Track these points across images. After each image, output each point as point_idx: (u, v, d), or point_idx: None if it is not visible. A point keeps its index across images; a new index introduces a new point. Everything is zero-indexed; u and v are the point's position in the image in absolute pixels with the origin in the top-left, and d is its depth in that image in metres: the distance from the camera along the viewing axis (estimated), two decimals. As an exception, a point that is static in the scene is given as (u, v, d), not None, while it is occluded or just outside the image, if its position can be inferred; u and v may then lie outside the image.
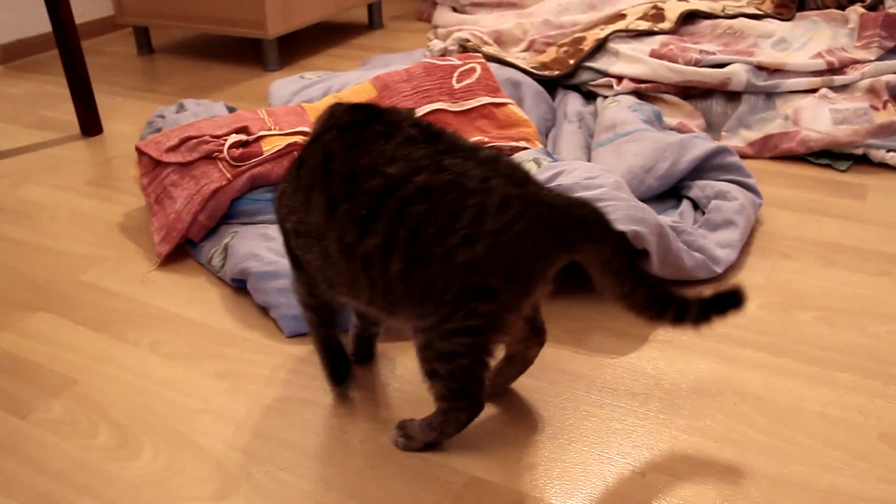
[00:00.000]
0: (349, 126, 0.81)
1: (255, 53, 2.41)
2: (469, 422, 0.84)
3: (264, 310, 1.13)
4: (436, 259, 0.74)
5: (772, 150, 1.58)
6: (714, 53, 1.74)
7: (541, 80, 1.76)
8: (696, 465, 0.84)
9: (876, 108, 1.60)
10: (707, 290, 0.83)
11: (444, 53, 2.01)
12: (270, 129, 1.38)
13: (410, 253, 0.74)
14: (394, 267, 0.76)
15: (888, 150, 1.52)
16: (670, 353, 1.02)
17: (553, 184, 1.14)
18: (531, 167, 1.21)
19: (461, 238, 0.73)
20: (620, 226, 1.04)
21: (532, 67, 1.81)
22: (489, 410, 0.93)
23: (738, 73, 1.65)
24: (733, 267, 1.19)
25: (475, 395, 0.82)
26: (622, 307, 0.81)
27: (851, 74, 1.68)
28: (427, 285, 0.75)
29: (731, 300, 0.82)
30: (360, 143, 0.78)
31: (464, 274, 0.73)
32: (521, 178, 0.76)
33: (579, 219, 0.76)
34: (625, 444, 0.88)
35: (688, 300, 0.82)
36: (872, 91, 1.64)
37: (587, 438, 0.89)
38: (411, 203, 0.74)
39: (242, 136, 1.34)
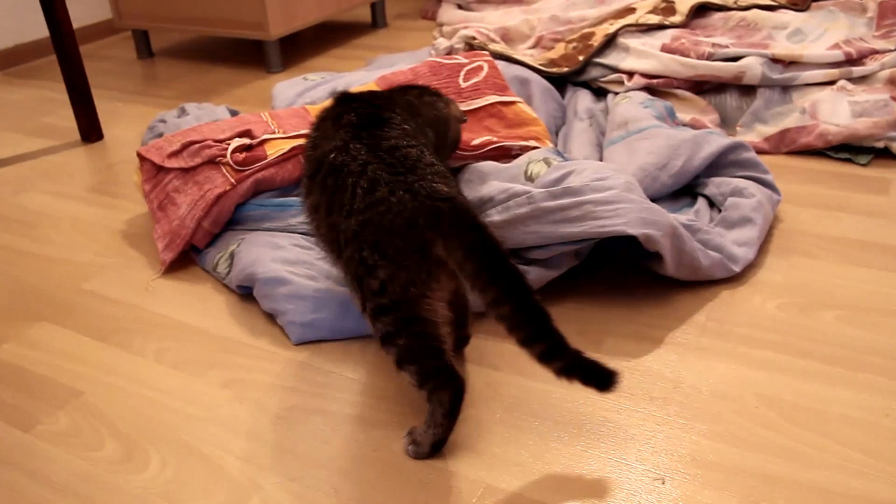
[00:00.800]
0: (331, 110, 1.00)
1: (256, 55, 2.42)
2: (455, 402, 0.85)
3: (271, 317, 1.13)
4: (335, 226, 0.88)
5: (789, 145, 1.57)
6: (727, 46, 1.73)
7: (549, 77, 1.76)
8: (718, 471, 0.84)
9: (896, 100, 1.59)
10: (590, 353, 0.81)
11: (450, 52, 2.01)
12: (274, 133, 1.38)
13: (327, 217, 0.90)
14: (323, 226, 0.91)
15: (910, 143, 1.51)
16: (688, 355, 1.01)
17: (562, 184, 1.14)
18: (541, 167, 1.21)
19: (344, 212, 0.86)
20: (631, 229, 1.03)
21: (540, 64, 1.81)
22: (502, 417, 0.92)
23: (752, 67, 1.65)
24: (751, 266, 1.18)
25: (438, 371, 0.84)
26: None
27: (870, 65, 1.67)
28: (337, 250, 0.89)
29: (601, 379, 0.80)
30: (324, 124, 0.98)
31: (349, 243, 0.86)
32: (402, 167, 0.85)
33: (432, 210, 0.81)
34: (644, 450, 0.87)
35: (564, 346, 0.79)
36: (893, 82, 1.63)
37: (604, 445, 0.88)
38: (327, 176, 0.90)
39: (246, 140, 1.34)
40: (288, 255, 1.16)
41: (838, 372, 0.97)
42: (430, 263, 0.82)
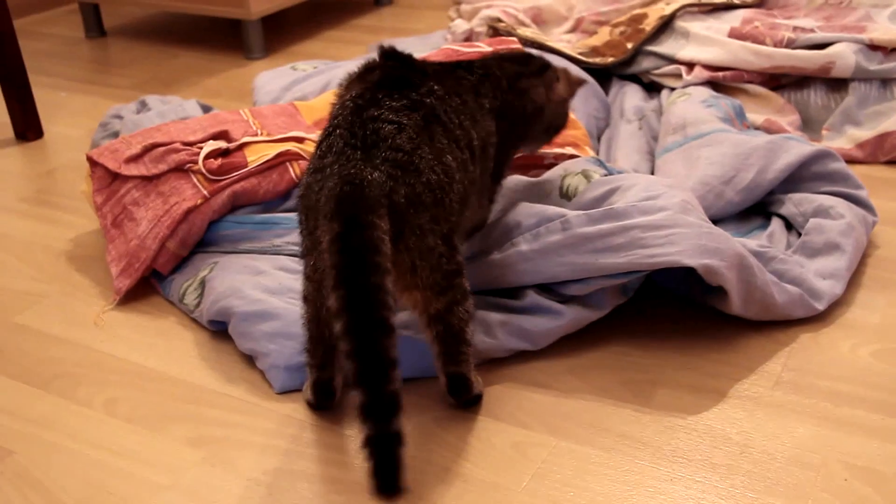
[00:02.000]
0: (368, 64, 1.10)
1: (234, 37, 2.47)
2: (317, 393, 1.05)
3: (250, 359, 1.16)
4: None
5: (889, 153, 1.59)
6: (812, 30, 1.76)
7: (591, 69, 1.80)
8: (795, 557, 0.85)
9: None
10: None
11: (470, 37, 2.05)
12: (256, 134, 1.42)
13: None
14: None
15: None
16: (759, 413, 1.03)
17: (604, 204, 1.16)
18: (579, 182, 1.24)
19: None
20: (687, 260, 1.06)
21: (580, 53, 1.85)
22: (529, 486, 0.94)
23: (844, 55, 1.68)
24: (839, 303, 1.20)
25: (317, 357, 1.03)
26: None
27: None
28: None
29: (386, 478, 0.83)
30: (353, 76, 1.10)
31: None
32: (361, 142, 0.94)
33: (330, 194, 0.89)
34: (703, 530, 0.89)
35: (388, 407, 0.84)
36: None
37: (655, 522, 0.90)
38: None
39: (222, 144, 1.38)
40: (270, 283, 1.19)
41: (947, 436, 0.98)
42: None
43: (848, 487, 0.93)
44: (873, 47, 1.71)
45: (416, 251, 0.94)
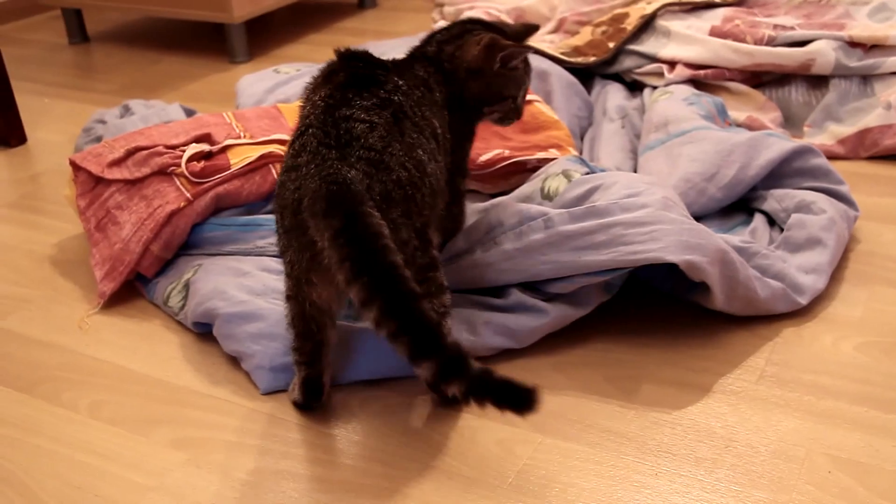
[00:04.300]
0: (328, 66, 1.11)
1: (217, 42, 2.47)
2: (306, 390, 1.06)
3: (234, 361, 1.16)
4: None
5: (870, 149, 1.60)
6: (793, 28, 1.78)
7: (573, 68, 1.80)
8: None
9: None
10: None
11: (453, 36, 2.05)
12: (239, 137, 1.42)
13: None
14: None
15: None
16: (743, 407, 1.04)
17: (587, 202, 1.17)
18: (560, 182, 1.24)
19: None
20: (670, 256, 1.06)
21: (562, 53, 1.85)
22: (515, 482, 0.95)
23: (824, 53, 1.69)
24: (822, 297, 1.21)
25: (304, 354, 1.04)
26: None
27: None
28: None
29: (518, 398, 0.86)
30: (315, 80, 1.10)
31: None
32: (335, 141, 0.95)
33: (317, 193, 0.90)
34: (688, 524, 0.89)
35: (460, 361, 0.86)
36: None
37: (640, 517, 0.90)
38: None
39: (205, 147, 1.38)
40: (254, 284, 1.19)
41: (930, 428, 0.99)
42: (308, 248, 0.93)
43: (832, 479, 0.93)
44: (853, 44, 1.72)
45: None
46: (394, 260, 0.87)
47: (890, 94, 1.64)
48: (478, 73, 1.14)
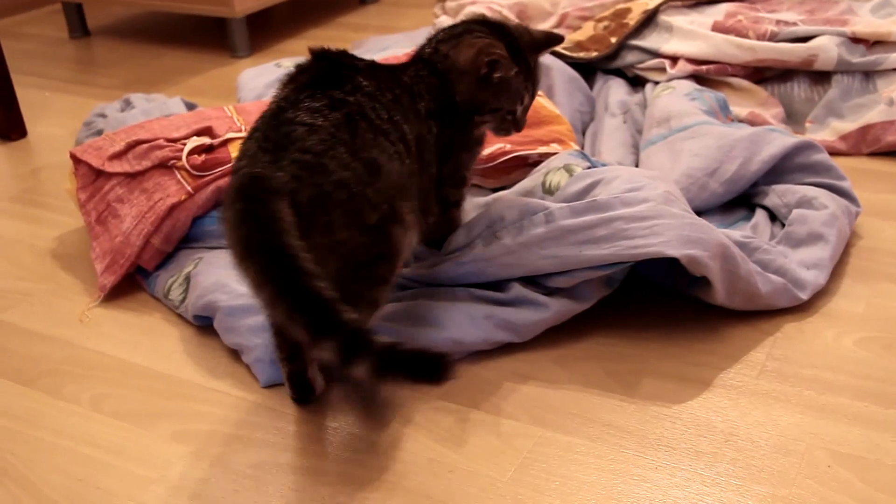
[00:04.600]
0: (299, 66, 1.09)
1: (218, 36, 2.47)
2: (292, 383, 1.07)
3: (235, 354, 1.16)
4: None
5: (872, 145, 1.61)
6: (795, 24, 1.78)
7: (575, 63, 1.81)
8: (780, 543, 0.86)
9: None
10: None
11: (455, 31, 2.05)
12: (240, 130, 1.42)
13: None
14: None
15: None
16: (744, 401, 1.04)
17: (587, 197, 1.17)
18: (561, 176, 1.24)
19: None
20: (671, 250, 1.06)
21: (564, 48, 1.86)
22: (515, 476, 0.95)
23: (826, 49, 1.69)
24: (823, 292, 1.21)
25: (283, 348, 1.05)
26: None
27: (978, 44, 1.70)
28: None
29: (430, 366, 0.87)
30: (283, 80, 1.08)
31: None
32: (272, 143, 0.95)
33: (236, 191, 0.91)
34: (688, 517, 0.90)
35: (362, 337, 0.85)
36: None
37: (640, 510, 0.91)
38: None
39: (206, 140, 1.38)
40: (255, 279, 1.20)
41: (929, 423, 0.99)
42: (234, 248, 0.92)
43: (832, 474, 0.93)
44: (855, 40, 1.72)
45: (326, 246, 0.94)
46: (289, 241, 0.87)
47: (892, 90, 1.64)
48: (467, 78, 1.11)
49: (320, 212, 0.93)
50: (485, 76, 1.10)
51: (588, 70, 1.83)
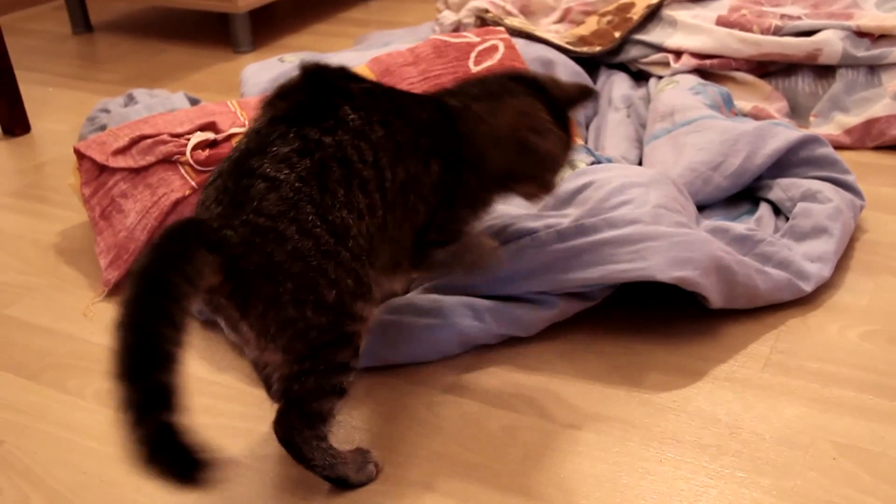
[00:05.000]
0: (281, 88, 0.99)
1: (221, 32, 2.47)
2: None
3: (239, 348, 1.16)
4: None
5: (877, 139, 1.60)
6: (799, 18, 1.78)
7: (579, 58, 1.80)
8: (784, 535, 0.86)
9: None
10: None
11: (458, 28, 2.05)
12: (244, 125, 1.42)
13: None
14: None
15: None
16: (748, 394, 1.04)
17: (578, 198, 1.17)
18: (564, 171, 1.24)
19: None
20: (660, 275, 1.06)
21: (568, 43, 1.86)
22: (518, 469, 0.95)
23: (831, 42, 1.69)
24: (827, 286, 1.21)
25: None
26: None
27: (982, 38, 1.70)
28: None
29: (182, 465, 0.77)
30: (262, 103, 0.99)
31: None
32: (230, 198, 0.87)
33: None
34: (692, 510, 0.90)
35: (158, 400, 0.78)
36: None
37: (645, 502, 0.91)
38: None
39: (209, 135, 1.38)
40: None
41: (935, 416, 0.99)
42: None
43: (836, 466, 0.94)
44: (860, 34, 1.72)
45: (273, 321, 0.87)
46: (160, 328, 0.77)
47: (897, 84, 1.65)
48: (506, 144, 1.02)
49: (266, 283, 0.85)
50: (527, 144, 1.02)
51: (591, 65, 1.83)
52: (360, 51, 1.95)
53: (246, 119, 1.45)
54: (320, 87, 0.94)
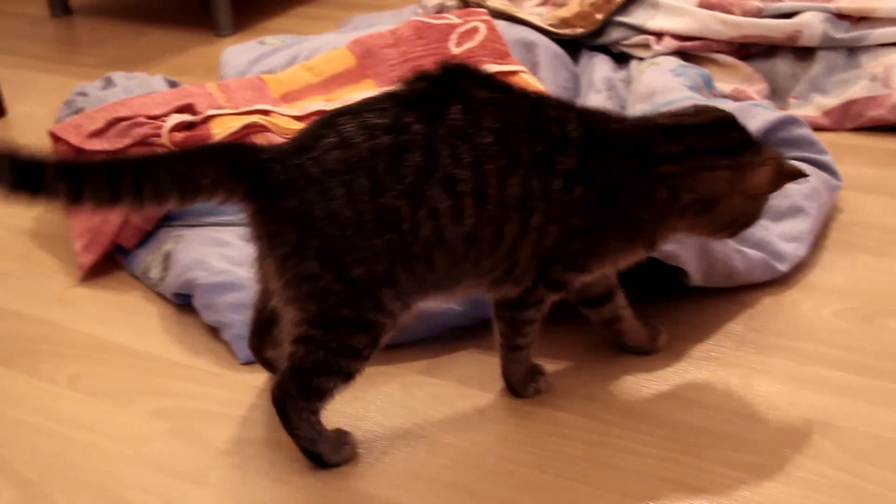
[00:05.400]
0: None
1: (202, 14, 2.44)
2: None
3: (215, 331, 1.16)
4: None
5: (855, 120, 1.60)
6: (781, 0, 1.77)
7: (561, 40, 1.79)
8: (758, 513, 0.86)
9: None
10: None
11: (441, 10, 2.04)
12: (222, 107, 1.41)
13: None
14: None
15: None
16: (723, 373, 1.04)
17: None
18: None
19: None
20: None
21: (550, 25, 1.84)
22: (499, 449, 0.95)
23: (811, 24, 1.68)
24: (803, 265, 1.21)
25: None
26: None
27: (959, 19, 1.70)
28: None
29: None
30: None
31: None
32: (296, 138, 0.92)
33: None
34: (669, 489, 0.90)
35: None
36: (985, 40, 1.67)
37: (620, 482, 0.91)
38: None
39: (186, 117, 1.37)
40: (234, 254, 1.19)
41: (908, 393, 1.00)
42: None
43: (811, 443, 0.94)
44: (840, 16, 1.71)
45: (293, 269, 0.87)
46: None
47: (876, 65, 1.64)
48: (745, 196, 0.96)
49: (297, 229, 0.86)
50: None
51: (573, 46, 1.81)
52: (342, 33, 1.94)
53: (224, 100, 1.44)
54: (447, 83, 0.91)
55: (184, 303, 1.21)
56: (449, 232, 0.88)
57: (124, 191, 0.85)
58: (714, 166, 0.95)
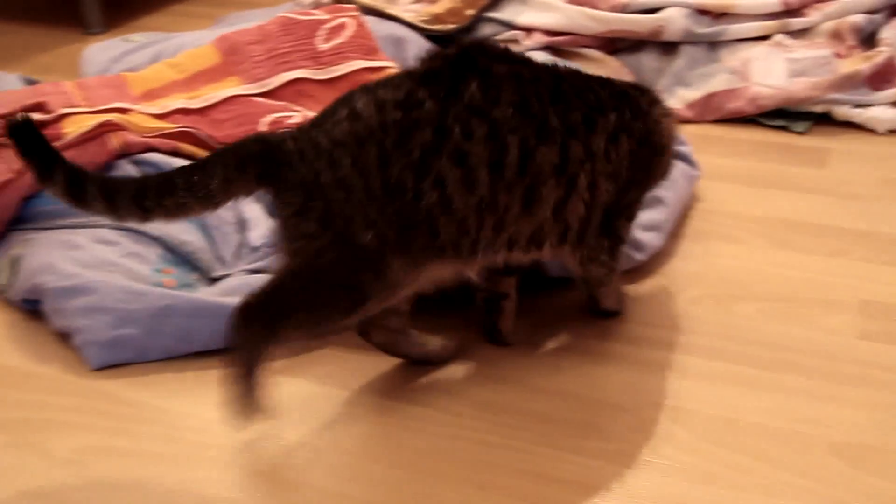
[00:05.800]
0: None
1: (70, 11, 2.36)
2: None
3: (65, 337, 1.11)
4: None
5: (716, 112, 1.65)
6: (646, -6, 1.81)
7: (432, 36, 1.79)
8: (607, 498, 0.87)
9: (840, 56, 1.69)
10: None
11: (318, 6, 2.01)
12: (78, 106, 1.36)
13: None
14: None
15: (854, 106, 1.61)
16: (573, 360, 1.05)
17: None
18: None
19: None
20: None
21: (422, 21, 1.84)
22: (359, 448, 0.94)
23: (673, 20, 1.73)
24: (661, 254, 1.23)
25: None
26: None
27: (812, 16, 1.77)
28: None
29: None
30: None
31: None
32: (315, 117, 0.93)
33: None
34: (531, 481, 0.90)
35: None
36: (836, 35, 1.74)
37: (478, 476, 0.91)
38: None
39: (36, 116, 1.31)
40: (86, 257, 1.14)
41: (755, 374, 1.02)
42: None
43: (656, 426, 0.95)
44: (702, 11, 1.77)
45: (290, 228, 0.90)
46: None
47: (734, 59, 1.70)
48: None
49: (304, 195, 0.87)
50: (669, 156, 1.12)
51: (444, 42, 1.81)
52: (213, 29, 1.89)
53: (81, 99, 1.39)
54: (465, 60, 0.92)
55: (34, 308, 1.15)
56: (457, 201, 0.89)
57: (151, 207, 0.87)
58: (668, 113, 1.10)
